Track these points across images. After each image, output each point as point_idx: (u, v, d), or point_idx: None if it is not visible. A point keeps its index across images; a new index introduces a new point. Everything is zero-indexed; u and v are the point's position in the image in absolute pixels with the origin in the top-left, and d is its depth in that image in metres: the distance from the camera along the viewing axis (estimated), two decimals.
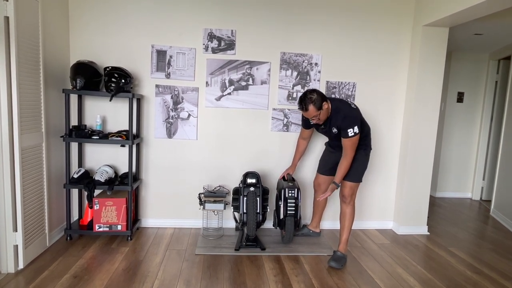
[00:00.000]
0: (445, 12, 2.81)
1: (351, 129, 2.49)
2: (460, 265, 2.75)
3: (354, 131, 2.49)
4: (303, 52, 3.22)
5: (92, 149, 3.14)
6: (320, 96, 2.48)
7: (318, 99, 2.46)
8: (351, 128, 2.49)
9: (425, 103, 3.25)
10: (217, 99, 3.20)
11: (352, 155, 2.56)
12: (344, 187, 2.69)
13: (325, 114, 2.54)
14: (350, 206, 2.71)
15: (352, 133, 2.49)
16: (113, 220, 2.89)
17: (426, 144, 3.32)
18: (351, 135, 2.49)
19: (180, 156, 3.24)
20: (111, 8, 3.01)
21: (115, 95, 2.75)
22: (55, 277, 2.29)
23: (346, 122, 2.50)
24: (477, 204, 4.63)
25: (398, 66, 3.35)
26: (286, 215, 2.79)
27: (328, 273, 2.52)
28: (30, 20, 2.37)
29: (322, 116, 2.52)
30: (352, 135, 2.50)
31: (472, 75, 4.75)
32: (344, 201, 2.71)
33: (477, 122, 4.84)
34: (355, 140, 2.52)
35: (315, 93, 2.47)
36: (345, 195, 2.69)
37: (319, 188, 3.05)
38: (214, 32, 3.11)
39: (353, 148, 2.55)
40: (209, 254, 2.74)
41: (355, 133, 2.50)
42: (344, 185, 2.69)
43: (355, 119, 2.52)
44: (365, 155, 2.70)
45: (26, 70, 2.36)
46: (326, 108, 2.52)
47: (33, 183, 2.49)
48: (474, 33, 3.79)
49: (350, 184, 2.67)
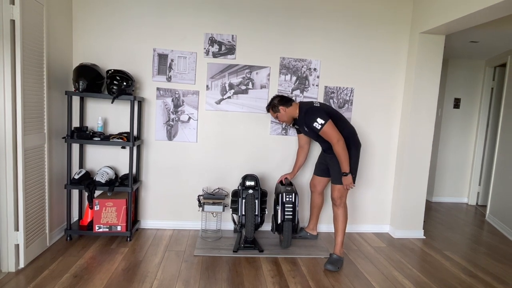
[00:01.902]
0: (441, 20, 2.87)
1: (315, 122, 2.62)
2: (455, 269, 2.79)
3: (319, 122, 2.61)
4: (302, 57, 3.28)
5: (93, 151, 3.18)
6: (279, 101, 2.82)
7: (276, 104, 2.83)
8: (314, 121, 2.62)
9: (421, 108, 3.31)
10: (217, 103, 3.25)
11: (337, 138, 2.60)
12: (333, 190, 2.75)
13: (284, 117, 2.83)
14: (341, 208, 2.76)
15: (319, 125, 2.61)
16: (113, 221, 2.92)
17: (423, 149, 3.37)
18: (319, 127, 2.61)
19: (180, 158, 3.28)
20: (114, 12, 3.07)
21: (117, 97, 2.80)
22: (55, 276, 2.32)
23: (308, 118, 2.66)
24: (473, 209, 4.67)
25: (395, 72, 3.41)
26: (284, 220, 2.81)
27: (325, 275, 2.56)
28: (35, 23, 2.42)
29: (281, 118, 2.85)
30: (320, 127, 2.61)
31: (469, 81, 4.82)
32: (334, 204, 2.77)
33: (473, 128, 4.91)
34: (328, 129, 2.60)
35: (276, 99, 2.84)
36: (334, 197, 2.75)
37: (315, 189, 3.11)
38: (215, 37, 3.17)
39: (333, 134, 2.60)
40: (208, 256, 2.78)
41: (322, 124, 2.60)
42: (333, 188, 2.75)
43: (315, 112, 2.65)
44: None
45: (30, 72, 2.40)
46: (284, 112, 2.81)
47: (35, 183, 2.53)
48: (470, 41, 3.86)
49: (337, 187, 2.73)
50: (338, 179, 2.72)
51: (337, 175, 2.73)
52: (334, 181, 2.76)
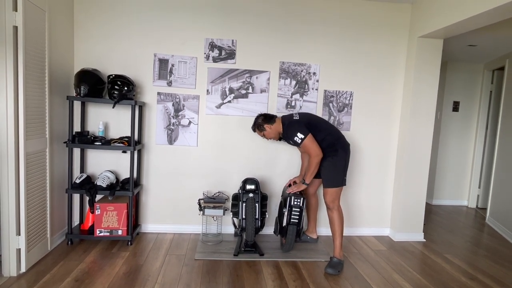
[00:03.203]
0: (439, 24, 2.90)
1: (295, 136, 2.72)
2: (455, 271, 2.80)
3: (300, 137, 2.70)
4: (302, 61, 3.30)
5: (94, 155, 3.19)
6: (263, 120, 2.88)
7: (260, 123, 2.88)
8: (295, 136, 2.72)
9: (421, 111, 3.33)
10: (217, 107, 3.27)
11: (315, 153, 2.70)
12: (325, 194, 2.79)
13: (271, 133, 2.89)
14: (335, 211, 2.77)
15: (299, 140, 2.71)
16: (114, 225, 2.93)
17: (422, 152, 3.38)
18: (299, 141, 2.71)
19: (180, 162, 3.29)
20: (114, 18, 3.10)
21: (118, 102, 2.82)
22: (56, 280, 2.33)
23: (289, 133, 2.77)
24: (473, 212, 4.68)
25: (394, 75, 3.43)
26: (289, 223, 2.81)
27: (326, 279, 2.56)
28: (37, 29, 2.45)
29: (267, 135, 2.91)
30: (300, 141, 2.71)
31: (467, 85, 4.85)
32: (328, 208, 2.80)
33: (472, 130, 4.92)
34: (307, 143, 2.70)
35: (261, 118, 2.90)
36: (327, 201, 2.78)
37: (307, 191, 3.14)
38: (215, 41, 3.20)
39: (311, 147, 2.70)
40: (208, 259, 2.78)
41: (302, 138, 2.70)
42: (325, 192, 2.79)
43: (294, 128, 2.74)
44: (332, 162, 2.75)
45: (32, 77, 2.42)
46: (270, 129, 2.86)
47: (36, 187, 2.54)
48: (468, 44, 3.89)
49: (329, 191, 2.76)
50: (329, 183, 2.76)
51: (328, 179, 2.77)
52: (325, 185, 2.79)
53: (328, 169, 2.76)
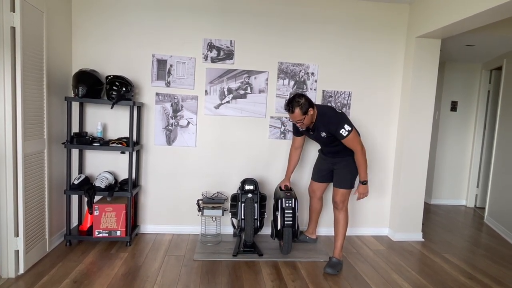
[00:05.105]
0: (437, 24, 2.91)
1: (342, 129, 2.53)
2: (454, 271, 2.80)
3: (346, 129, 2.54)
4: (300, 62, 3.30)
5: (93, 156, 3.19)
6: (307, 101, 2.51)
7: (305, 104, 2.49)
8: (341, 128, 2.53)
9: (419, 111, 3.34)
10: (216, 107, 3.27)
11: (359, 148, 2.59)
12: (336, 194, 2.76)
13: (309, 119, 2.57)
14: (342, 212, 2.76)
15: (345, 133, 2.54)
16: (112, 226, 2.93)
17: (421, 151, 3.39)
18: (345, 134, 2.54)
19: (179, 163, 3.29)
20: (113, 18, 3.09)
21: (116, 103, 2.81)
22: (55, 282, 2.32)
23: (334, 126, 2.56)
24: (471, 211, 4.69)
25: (393, 76, 3.44)
26: (284, 226, 2.80)
27: (325, 279, 2.57)
28: (35, 30, 2.44)
29: (306, 121, 2.55)
30: (346, 134, 2.54)
31: (465, 84, 4.86)
32: (336, 208, 2.78)
33: (470, 130, 4.94)
34: (353, 137, 2.57)
35: (303, 98, 2.51)
36: (337, 201, 2.76)
37: (314, 194, 3.11)
38: (213, 42, 3.20)
39: (357, 142, 2.59)
40: (207, 260, 2.78)
41: (348, 131, 2.54)
42: (336, 192, 2.76)
43: (341, 120, 2.57)
44: (350, 163, 2.73)
45: (30, 78, 2.42)
46: (312, 114, 2.55)
47: (34, 189, 2.53)
48: (466, 44, 3.90)
49: (341, 191, 2.74)
50: (343, 183, 2.73)
51: (343, 180, 2.73)
52: (339, 185, 2.75)
53: (345, 170, 2.72)
